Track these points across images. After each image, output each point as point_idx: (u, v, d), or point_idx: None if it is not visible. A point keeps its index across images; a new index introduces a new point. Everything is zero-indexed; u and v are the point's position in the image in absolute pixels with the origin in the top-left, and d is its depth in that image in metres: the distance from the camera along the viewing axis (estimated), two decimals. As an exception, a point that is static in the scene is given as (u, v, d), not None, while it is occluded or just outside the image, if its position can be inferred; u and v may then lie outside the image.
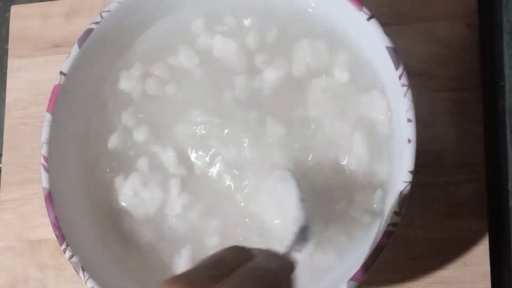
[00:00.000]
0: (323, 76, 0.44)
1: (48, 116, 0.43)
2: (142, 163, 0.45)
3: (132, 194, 0.45)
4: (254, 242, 0.42)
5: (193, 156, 0.45)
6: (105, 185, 0.46)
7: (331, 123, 0.43)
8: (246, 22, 0.46)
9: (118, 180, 0.45)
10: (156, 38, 0.48)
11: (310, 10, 0.45)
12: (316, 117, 0.43)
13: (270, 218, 0.42)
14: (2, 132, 0.56)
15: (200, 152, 0.45)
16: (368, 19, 0.40)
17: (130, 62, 0.47)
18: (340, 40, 0.44)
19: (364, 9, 0.40)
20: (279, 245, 0.36)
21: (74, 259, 0.40)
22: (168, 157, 0.45)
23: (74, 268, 0.40)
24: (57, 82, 0.43)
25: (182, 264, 0.43)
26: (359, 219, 0.42)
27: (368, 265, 0.36)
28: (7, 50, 0.57)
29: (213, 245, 0.43)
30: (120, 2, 0.44)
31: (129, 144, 0.46)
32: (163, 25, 0.48)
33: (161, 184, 0.45)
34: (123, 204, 0.45)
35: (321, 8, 0.45)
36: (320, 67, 0.44)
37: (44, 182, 0.42)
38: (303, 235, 0.39)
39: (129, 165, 0.46)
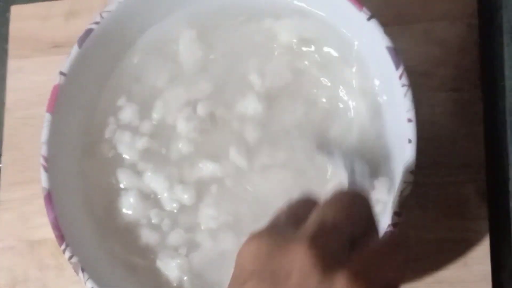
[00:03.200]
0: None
1: (48, 116, 0.43)
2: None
3: (132, 193, 0.45)
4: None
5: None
6: (106, 185, 0.46)
7: None
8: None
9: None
10: (156, 39, 0.48)
11: (309, 9, 0.45)
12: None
13: None
14: (2, 132, 0.56)
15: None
16: (368, 19, 0.40)
17: (131, 63, 0.47)
18: (339, 40, 0.44)
19: (364, 9, 0.40)
20: None
21: (74, 259, 0.40)
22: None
23: (74, 269, 0.40)
24: (57, 82, 0.43)
25: (181, 265, 0.43)
26: None
27: (368, 265, 0.36)
28: (7, 50, 0.57)
29: (208, 247, 0.43)
30: (120, 2, 0.44)
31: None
32: (163, 25, 0.48)
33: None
34: (123, 204, 0.45)
35: (320, 8, 0.45)
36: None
37: (44, 182, 0.42)
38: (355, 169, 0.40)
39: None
